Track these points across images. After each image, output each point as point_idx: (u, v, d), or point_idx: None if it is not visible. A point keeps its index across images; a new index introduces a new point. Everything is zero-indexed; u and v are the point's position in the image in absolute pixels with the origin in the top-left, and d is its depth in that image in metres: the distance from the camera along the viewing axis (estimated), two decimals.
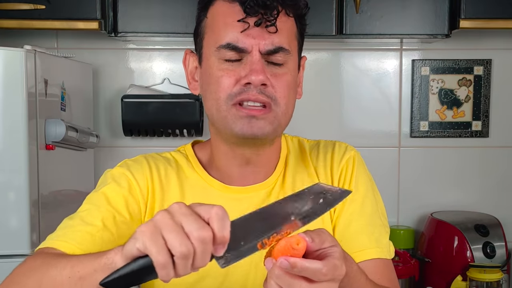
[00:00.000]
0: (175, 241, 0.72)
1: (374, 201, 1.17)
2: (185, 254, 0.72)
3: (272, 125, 1.08)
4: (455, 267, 2.15)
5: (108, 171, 1.17)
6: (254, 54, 1.05)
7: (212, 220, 0.74)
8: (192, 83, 1.17)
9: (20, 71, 1.69)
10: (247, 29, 1.04)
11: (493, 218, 2.26)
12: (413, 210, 2.43)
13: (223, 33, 1.06)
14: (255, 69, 1.04)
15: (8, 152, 1.71)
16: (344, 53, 2.41)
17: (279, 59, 1.07)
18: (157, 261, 0.72)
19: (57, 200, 1.94)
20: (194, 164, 1.18)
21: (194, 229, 0.73)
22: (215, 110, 1.08)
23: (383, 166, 2.41)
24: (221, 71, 1.06)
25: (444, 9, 2.05)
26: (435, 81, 2.39)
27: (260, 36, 1.05)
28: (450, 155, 2.42)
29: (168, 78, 2.36)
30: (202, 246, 0.73)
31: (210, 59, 1.08)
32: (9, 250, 1.71)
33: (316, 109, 2.39)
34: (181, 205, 0.76)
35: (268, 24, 1.04)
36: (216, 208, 0.75)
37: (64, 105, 1.97)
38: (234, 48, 1.05)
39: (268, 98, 1.06)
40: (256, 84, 1.04)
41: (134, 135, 2.32)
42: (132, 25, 2.05)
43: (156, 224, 0.74)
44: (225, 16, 1.06)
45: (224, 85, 1.06)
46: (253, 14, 1.04)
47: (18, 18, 1.98)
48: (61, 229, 1.07)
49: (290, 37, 1.09)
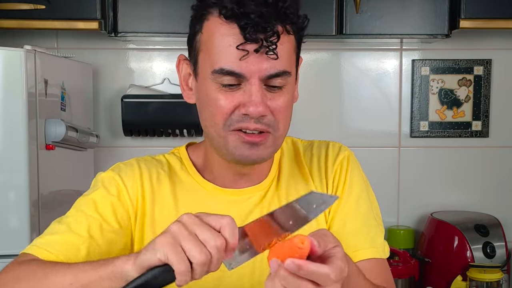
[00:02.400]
0: (194, 251, 0.79)
1: (368, 202, 1.17)
2: (205, 262, 0.80)
3: (272, 147, 1.07)
4: (455, 267, 2.15)
5: (100, 174, 1.17)
6: (253, 82, 1.01)
7: (224, 229, 0.81)
8: (186, 91, 1.13)
9: (20, 71, 1.69)
10: (246, 56, 0.99)
11: (493, 218, 2.26)
12: (413, 210, 2.43)
13: (220, 57, 1.01)
14: (254, 101, 1.01)
15: (8, 152, 1.71)
16: (344, 53, 2.41)
17: (279, 82, 1.03)
18: (179, 270, 0.79)
19: (57, 200, 1.94)
20: (188, 167, 1.18)
21: (209, 238, 0.80)
22: (214, 132, 1.07)
23: (383, 166, 2.41)
24: (219, 94, 1.03)
25: (444, 9, 2.05)
26: (435, 81, 2.39)
27: (259, 63, 1.00)
28: (450, 155, 2.42)
29: (168, 78, 2.36)
30: (218, 253, 0.80)
31: (207, 80, 1.04)
32: (9, 250, 1.70)
33: (316, 109, 2.39)
34: (191, 216, 0.82)
35: (268, 50, 0.99)
36: (226, 218, 0.82)
37: (64, 105, 1.97)
38: (232, 73, 1.01)
39: (267, 126, 1.04)
40: (255, 116, 1.02)
41: (134, 135, 2.32)
42: (132, 25, 2.05)
43: (174, 235, 0.80)
44: (222, 37, 1.00)
45: (223, 110, 1.03)
46: (253, 41, 0.98)
47: (18, 18, 1.98)
48: (48, 234, 1.07)
49: (290, 57, 1.05)
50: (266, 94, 1.03)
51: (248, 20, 0.97)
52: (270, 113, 1.04)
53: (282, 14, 1.01)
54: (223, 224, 0.81)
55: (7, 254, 1.69)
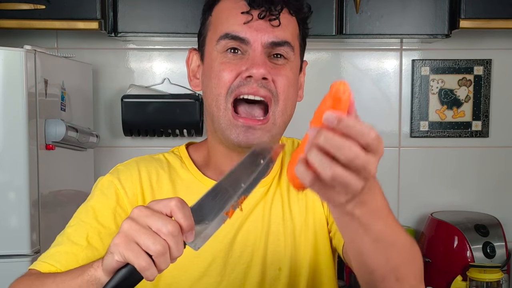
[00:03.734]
0: (148, 242, 0.77)
1: None
2: (162, 251, 0.77)
3: (270, 132, 1.08)
4: (455, 267, 2.15)
5: (100, 180, 1.17)
6: (256, 47, 1.05)
7: (174, 212, 0.79)
8: (193, 80, 1.17)
9: (20, 71, 1.69)
10: (250, 21, 1.05)
11: (493, 218, 2.26)
12: (413, 210, 2.43)
13: (225, 25, 1.07)
14: (257, 62, 1.04)
15: (8, 152, 1.71)
16: (344, 53, 2.41)
17: (282, 51, 1.07)
18: (139, 265, 0.77)
19: (57, 200, 1.94)
20: (188, 165, 1.18)
21: (161, 225, 0.78)
22: (215, 107, 1.09)
23: (383, 166, 2.38)
24: (222, 65, 1.07)
25: (444, 9, 2.05)
26: (435, 81, 2.39)
27: (263, 29, 1.05)
28: (450, 155, 2.42)
29: (168, 78, 2.36)
30: (173, 239, 0.78)
31: (212, 53, 1.09)
32: (9, 250, 1.71)
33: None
34: (140, 208, 0.81)
35: (272, 17, 1.05)
36: (173, 200, 0.80)
37: (64, 105, 1.97)
38: (235, 37, 1.05)
39: (268, 92, 1.06)
40: (257, 77, 1.04)
41: (134, 135, 2.32)
42: (132, 25, 2.05)
43: (126, 233, 0.79)
44: (229, 10, 1.08)
45: (225, 79, 1.06)
46: (257, 7, 1.04)
47: (18, 18, 1.98)
48: (52, 247, 1.09)
49: (294, 35, 1.10)
50: (268, 63, 1.06)
51: None
52: (272, 80, 1.06)
53: None
54: (172, 208, 0.79)
55: (7, 254, 1.70)
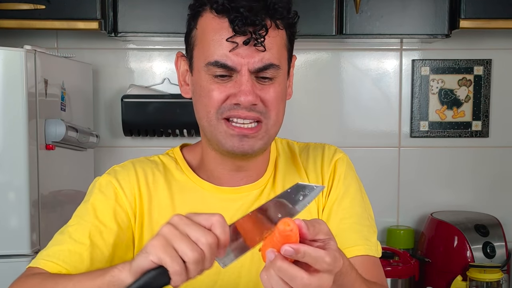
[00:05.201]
0: (186, 249, 0.80)
1: (362, 203, 1.19)
2: (198, 260, 0.80)
3: (263, 140, 1.09)
4: (455, 267, 2.15)
5: (97, 180, 1.18)
6: (244, 73, 1.05)
7: (215, 227, 0.82)
8: (183, 86, 1.17)
9: (20, 71, 1.69)
10: (235, 48, 1.04)
11: (493, 218, 2.26)
12: (413, 210, 2.43)
13: (212, 50, 1.05)
14: (244, 91, 1.05)
15: (8, 152, 1.71)
16: (344, 53, 2.41)
17: (268, 74, 1.07)
18: (173, 270, 0.79)
19: (57, 200, 1.94)
20: (183, 166, 1.19)
21: (201, 236, 0.80)
22: (206, 122, 1.10)
23: (383, 166, 2.41)
24: (211, 85, 1.07)
25: (444, 9, 2.05)
26: (435, 81, 2.39)
27: (249, 55, 1.04)
28: (450, 155, 2.42)
29: (168, 78, 2.36)
30: (210, 250, 0.81)
31: (201, 72, 1.09)
32: (9, 250, 1.71)
33: (316, 109, 2.39)
34: (182, 217, 0.83)
35: (257, 43, 1.03)
36: (216, 216, 0.83)
37: (64, 105, 1.97)
38: (223, 66, 1.05)
39: (258, 113, 1.07)
40: (245, 105, 1.05)
41: (134, 135, 2.32)
42: (132, 25, 2.05)
43: (165, 237, 0.81)
44: (214, 31, 1.06)
45: (214, 100, 1.07)
46: (242, 34, 1.03)
47: (18, 18, 1.98)
48: (51, 246, 1.09)
49: (280, 51, 1.09)
50: (256, 85, 1.07)
51: (237, 13, 1.03)
52: (261, 102, 1.07)
53: (272, 9, 1.05)
54: (213, 222, 0.82)
55: (7, 254, 1.70)
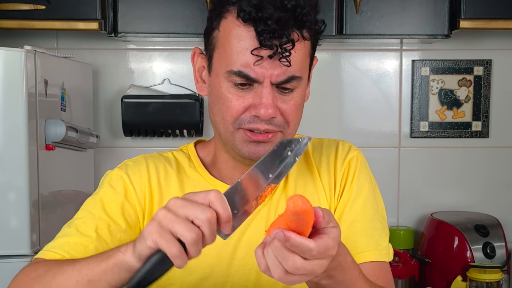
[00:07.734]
0: (183, 231, 0.78)
1: (375, 204, 1.17)
2: (195, 240, 0.79)
3: None
4: (455, 268, 2.15)
5: (108, 173, 1.17)
6: (266, 85, 1.02)
7: (213, 203, 0.80)
8: (199, 83, 1.15)
9: (20, 71, 1.69)
10: (260, 60, 1.00)
11: (493, 219, 2.26)
12: (413, 210, 2.43)
13: (235, 58, 1.02)
14: (265, 104, 1.03)
15: (8, 152, 1.71)
16: (344, 53, 2.41)
17: (290, 86, 1.05)
18: (171, 253, 0.78)
19: (57, 200, 1.94)
20: (196, 164, 1.18)
21: (199, 213, 0.79)
22: (222, 128, 1.08)
23: (383, 166, 2.41)
24: (230, 94, 1.05)
25: (444, 9, 2.05)
26: (435, 81, 2.39)
27: (272, 68, 1.01)
28: (450, 156, 2.42)
29: (168, 79, 2.36)
30: (209, 227, 0.79)
31: (220, 77, 1.06)
32: (9, 250, 1.71)
33: (316, 109, 2.39)
34: (177, 199, 0.82)
35: (282, 57, 1.00)
36: (213, 192, 0.81)
37: (64, 105, 1.97)
38: (245, 76, 1.02)
39: (277, 127, 1.06)
40: (265, 118, 1.04)
41: (134, 135, 2.32)
42: (132, 26, 2.05)
43: (160, 221, 0.80)
44: (238, 39, 1.02)
45: (233, 109, 1.05)
46: (268, 48, 0.99)
47: (18, 18, 1.98)
48: (58, 238, 1.09)
49: (303, 62, 1.06)
50: (277, 97, 1.05)
51: (264, 26, 0.99)
52: (280, 114, 1.05)
53: (300, 20, 1.01)
54: (211, 199, 0.80)
55: (7, 254, 1.70)
